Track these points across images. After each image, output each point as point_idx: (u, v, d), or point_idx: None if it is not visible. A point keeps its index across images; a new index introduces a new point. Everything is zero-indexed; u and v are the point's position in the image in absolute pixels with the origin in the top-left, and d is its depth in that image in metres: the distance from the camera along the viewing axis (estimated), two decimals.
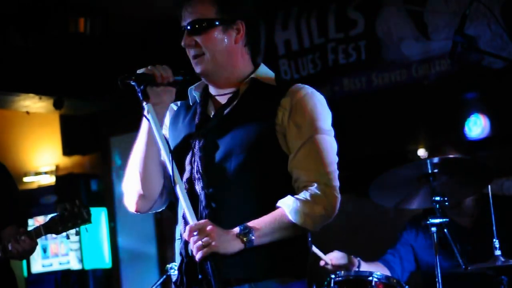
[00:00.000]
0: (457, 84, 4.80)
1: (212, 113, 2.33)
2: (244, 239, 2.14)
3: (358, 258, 3.53)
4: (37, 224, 3.60)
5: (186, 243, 2.20)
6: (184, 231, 2.20)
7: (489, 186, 3.30)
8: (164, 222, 6.46)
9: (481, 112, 4.74)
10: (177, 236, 2.34)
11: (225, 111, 2.30)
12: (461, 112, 4.82)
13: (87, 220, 3.48)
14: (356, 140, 5.42)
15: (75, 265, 6.79)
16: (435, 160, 3.15)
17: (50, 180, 7.26)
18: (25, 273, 6.99)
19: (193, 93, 2.40)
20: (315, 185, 2.20)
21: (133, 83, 2.22)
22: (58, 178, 7.12)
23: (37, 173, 7.34)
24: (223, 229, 2.15)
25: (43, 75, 6.00)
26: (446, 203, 3.16)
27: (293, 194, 2.22)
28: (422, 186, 3.23)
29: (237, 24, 2.30)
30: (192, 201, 2.21)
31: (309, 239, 2.34)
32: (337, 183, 2.25)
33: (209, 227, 2.12)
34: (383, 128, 5.24)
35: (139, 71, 2.26)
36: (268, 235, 2.16)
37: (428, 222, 3.09)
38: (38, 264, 6.93)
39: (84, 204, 3.52)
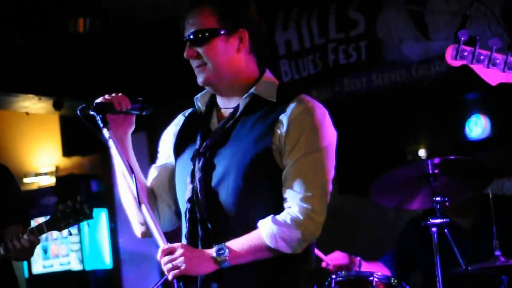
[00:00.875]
0: (458, 84, 4.79)
1: (215, 126, 2.31)
2: (218, 259, 2.15)
3: (359, 258, 3.53)
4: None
5: None
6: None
7: (490, 186, 3.30)
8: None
9: (481, 112, 4.74)
10: None
11: (225, 128, 2.28)
12: (462, 112, 4.82)
13: (88, 215, 3.49)
14: (357, 140, 5.41)
15: (75, 266, 6.79)
16: (436, 160, 3.15)
17: (50, 181, 7.25)
18: (26, 274, 6.99)
19: (198, 103, 2.38)
20: (298, 208, 2.17)
21: (92, 113, 2.26)
22: (58, 179, 7.12)
23: (37, 174, 7.34)
24: (198, 249, 2.17)
25: (43, 76, 6.00)
26: (447, 204, 3.15)
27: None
28: (422, 186, 3.23)
29: (240, 33, 2.27)
30: (191, 220, 2.24)
31: (308, 254, 2.30)
32: (323, 205, 2.21)
33: (179, 250, 2.13)
34: (383, 129, 5.24)
35: (97, 101, 2.29)
36: (243, 257, 2.16)
37: (428, 222, 3.09)
38: (39, 265, 6.93)
39: (84, 200, 3.52)
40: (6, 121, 7.35)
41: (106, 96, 2.30)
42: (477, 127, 4.78)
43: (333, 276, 3.18)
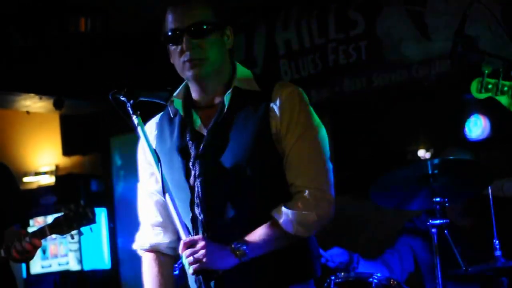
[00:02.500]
0: (458, 85, 4.79)
1: (202, 128, 2.29)
2: (238, 253, 2.14)
3: (357, 254, 3.53)
4: (36, 225, 3.59)
5: None
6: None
7: (490, 187, 3.29)
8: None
9: (481, 113, 4.73)
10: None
11: (217, 128, 2.26)
12: (461, 112, 4.81)
13: (92, 220, 3.47)
14: (356, 140, 5.41)
15: (74, 266, 6.78)
16: (435, 161, 3.14)
17: (50, 180, 7.25)
18: (24, 274, 6.98)
19: (174, 106, 2.34)
20: (307, 191, 2.19)
21: (123, 98, 2.22)
22: (58, 178, 7.11)
23: (37, 173, 7.33)
24: (218, 243, 2.16)
25: (44, 75, 6.00)
26: (446, 204, 3.15)
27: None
28: (422, 187, 3.22)
29: (229, 29, 2.30)
30: (193, 223, 2.24)
31: (313, 239, 2.32)
32: (329, 184, 2.23)
33: (201, 243, 2.12)
34: (383, 129, 5.23)
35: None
36: (262, 247, 2.16)
37: (428, 223, 3.09)
38: (37, 265, 6.92)
39: (88, 204, 3.52)
40: (7, 120, 7.35)
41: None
42: (477, 127, 4.77)
43: (332, 278, 3.18)
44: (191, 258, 2.11)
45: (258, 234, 2.17)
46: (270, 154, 2.22)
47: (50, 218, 6.91)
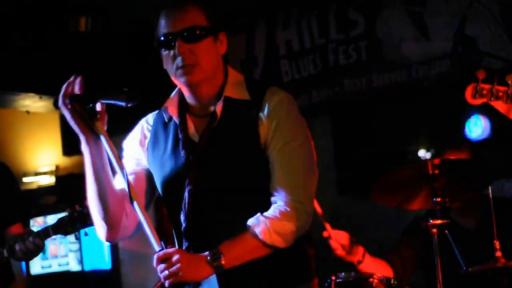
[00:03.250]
0: (458, 84, 4.79)
1: (195, 136, 2.27)
2: (214, 264, 2.11)
3: (363, 248, 3.50)
4: (36, 225, 3.59)
5: None
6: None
7: (490, 187, 3.29)
8: (165, 223, 6.44)
9: (481, 113, 4.73)
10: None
11: (209, 137, 2.24)
12: (462, 113, 4.81)
13: (88, 223, 3.46)
14: (356, 141, 5.41)
15: (74, 267, 6.78)
16: (436, 161, 3.14)
17: (50, 180, 7.25)
18: (24, 274, 6.98)
19: (168, 112, 2.33)
20: (286, 201, 2.17)
21: (79, 104, 2.17)
22: (58, 178, 7.11)
23: (36, 173, 7.33)
24: (193, 254, 2.13)
25: (44, 75, 5.99)
26: (447, 204, 3.15)
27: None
28: (423, 187, 3.22)
29: (222, 35, 2.29)
30: (176, 230, 2.23)
31: (309, 240, 2.31)
32: (309, 196, 2.22)
33: (176, 256, 2.08)
34: (383, 129, 5.23)
35: (64, 93, 2.21)
36: (239, 258, 2.14)
37: (429, 223, 3.08)
38: (37, 265, 6.92)
39: (83, 206, 3.49)
40: (7, 120, 7.35)
41: (69, 87, 2.20)
42: (477, 127, 4.76)
43: (333, 278, 3.17)
44: (166, 272, 2.07)
45: (234, 245, 2.14)
46: (259, 164, 2.20)
47: (50, 219, 6.97)
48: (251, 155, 2.20)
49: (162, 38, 2.24)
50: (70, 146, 7.13)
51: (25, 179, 7.28)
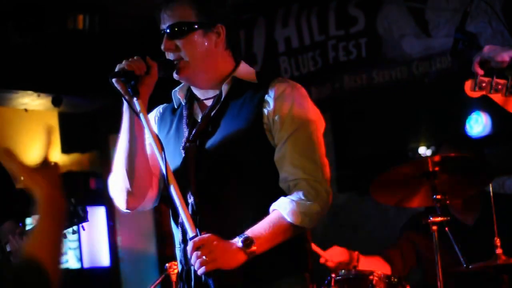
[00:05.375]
0: (458, 81, 4.78)
1: (200, 116, 2.31)
2: (247, 250, 2.10)
3: (357, 252, 3.51)
4: (35, 223, 3.56)
5: (185, 251, 2.16)
6: (182, 239, 2.21)
7: (491, 184, 3.28)
8: (164, 221, 6.42)
9: (482, 110, 4.72)
10: (177, 244, 2.32)
11: (212, 114, 2.27)
12: (462, 109, 4.80)
13: (83, 218, 3.44)
14: (357, 138, 5.40)
15: (73, 264, 6.75)
16: (436, 158, 3.13)
17: None
18: None
19: (177, 96, 2.37)
20: (306, 182, 2.18)
21: (122, 80, 2.19)
22: None
23: None
24: (227, 241, 2.11)
25: (42, 72, 5.98)
26: (447, 202, 3.14)
27: (284, 194, 2.20)
28: (423, 184, 3.22)
29: (217, 28, 2.29)
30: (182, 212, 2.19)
31: (306, 234, 2.31)
32: (327, 176, 2.24)
33: (214, 243, 2.07)
34: (383, 126, 5.22)
35: (120, 68, 2.22)
36: (269, 241, 2.14)
37: (429, 220, 3.07)
38: None
39: (79, 201, 3.46)
40: (5, 118, 7.32)
41: (124, 62, 2.23)
42: (478, 124, 4.76)
43: (333, 275, 3.16)
44: (204, 259, 2.05)
45: (264, 228, 2.14)
46: (259, 141, 2.22)
47: None
48: (251, 132, 2.21)
49: (160, 34, 2.31)
50: (68, 144, 7.11)
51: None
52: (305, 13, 5.53)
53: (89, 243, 6.73)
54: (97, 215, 6.67)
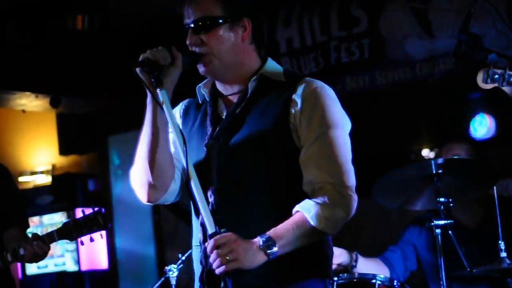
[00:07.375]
0: (462, 83, 4.78)
1: (224, 113, 2.28)
2: (268, 251, 2.06)
3: (355, 252, 3.48)
4: (32, 225, 3.52)
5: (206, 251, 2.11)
6: (203, 239, 2.17)
7: (495, 187, 3.25)
8: (163, 223, 6.40)
9: (486, 112, 4.71)
10: (195, 242, 2.28)
11: (237, 112, 2.24)
12: (466, 111, 4.79)
13: (102, 226, 3.39)
14: (359, 139, 5.36)
15: (71, 267, 6.73)
16: (440, 160, 3.12)
17: (46, 179, 7.21)
18: (20, 275, 6.92)
19: (202, 91, 2.34)
20: (332, 187, 2.14)
21: (146, 70, 2.15)
22: (54, 177, 7.07)
23: (33, 173, 7.29)
24: (247, 240, 2.07)
25: (40, 73, 5.97)
26: (451, 204, 3.11)
27: (307, 196, 2.16)
28: (426, 187, 3.20)
29: (243, 22, 2.25)
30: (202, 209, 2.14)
31: (329, 238, 2.27)
32: (353, 182, 2.19)
33: (235, 242, 2.03)
34: (386, 128, 5.21)
35: (143, 58, 2.17)
36: (291, 244, 2.10)
37: (432, 223, 3.04)
38: (33, 265, 6.85)
39: (99, 210, 3.40)
40: (2, 119, 7.32)
41: (149, 52, 2.17)
42: (482, 126, 4.74)
43: (335, 279, 3.13)
44: (226, 258, 2.00)
45: (286, 230, 2.10)
46: (284, 141, 2.18)
47: (46, 218, 6.91)
48: (277, 131, 2.17)
49: (185, 29, 2.27)
50: (66, 145, 7.11)
51: (21, 179, 7.23)
52: (307, 14, 5.52)
53: (87, 246, 6.69)
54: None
